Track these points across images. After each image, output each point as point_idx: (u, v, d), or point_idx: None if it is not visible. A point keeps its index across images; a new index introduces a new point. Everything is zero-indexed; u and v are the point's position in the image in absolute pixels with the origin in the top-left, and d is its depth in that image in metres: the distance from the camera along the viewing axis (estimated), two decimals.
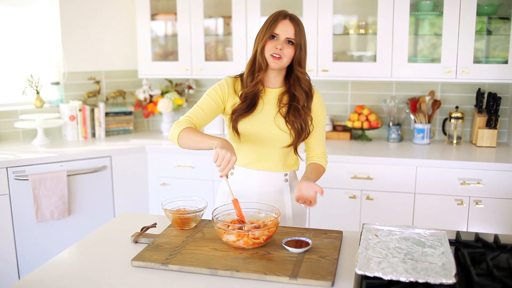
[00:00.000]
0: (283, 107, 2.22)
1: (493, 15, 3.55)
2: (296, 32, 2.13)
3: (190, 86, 4.35)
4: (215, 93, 2.23)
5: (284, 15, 2.14)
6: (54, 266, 1.81)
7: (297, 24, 2.14)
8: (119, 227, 2.20)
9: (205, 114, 2.22)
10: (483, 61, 3.62)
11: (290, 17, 2.14)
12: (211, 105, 2.22)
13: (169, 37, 4.27)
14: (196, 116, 2.20)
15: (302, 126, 2.20)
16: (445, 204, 3.34)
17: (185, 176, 3.80)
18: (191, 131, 2.08)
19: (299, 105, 2.20)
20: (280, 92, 2.25)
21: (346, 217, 3.51)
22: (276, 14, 2.15)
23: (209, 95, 2.24)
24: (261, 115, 2.22)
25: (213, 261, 1.77)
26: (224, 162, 1.89)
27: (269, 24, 2.13)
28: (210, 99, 2.23)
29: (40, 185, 3.41)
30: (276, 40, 2.13)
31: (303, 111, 2.20)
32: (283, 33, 2.12)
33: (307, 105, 2.23)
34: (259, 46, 2.15)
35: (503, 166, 3.23)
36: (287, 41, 2.13)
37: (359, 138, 3.99)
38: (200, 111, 2.21)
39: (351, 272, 1.71)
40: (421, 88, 3.95)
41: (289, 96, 2.23)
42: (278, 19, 2.12)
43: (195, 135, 2.06)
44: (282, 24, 2.12)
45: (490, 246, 1.84)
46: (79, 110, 4.04)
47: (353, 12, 3.92)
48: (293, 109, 2.20)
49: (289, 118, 2.20)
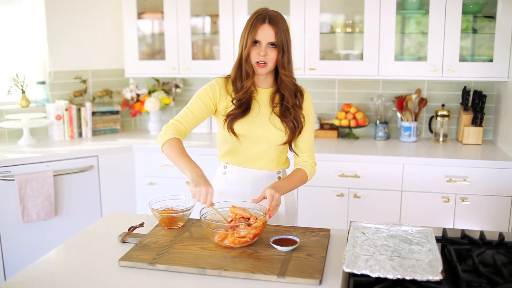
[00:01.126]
0: (276, 106, 2.23)
1: (478, 14, 3.58)
2: (277, 34, 2.11)
3: (177, 85, 4.34)
4: (206, 95, 2.23)
5: (262, 19, 2.11)
6: (40, 267, 1.80)
7: (277, 25, 2.11)
8: (106, 227, 2.19)
9: (195, 117, 2.22)
10: (468, 59, 3.64)
11: (269, 19, 2.11)
12: (201, 108, 2.22)
13: (156, 36, 4.26)
14: (185, 120, 2.21)
15: (295, 124, 2.22)
16: (431, 202, 3.36)
17: (172, 176, 3.79)
18: (173, 146, 2.11)
19: (289, 104, 2.21)
20: (271, 91, 2.26)
21: (333, 215, 3.52)
22: (255, 18, 2.12)
23: (199, 97, 2.23)
24: (256, 115, 2.22)
25: (201, 260, 1.77)
26: (202, 198, 1.92)
27: (249, 30, 2.12)
28: (201, 101, 2.22)
29: (26, 186, 3.39)
30: (259, 46, 2.13)
31: (293, 110, 2.21)
32: (264, 38, 2.11)
33: (299, 104, 2.24)
34: (243, 53, 2.15)
35: (489, 164, 3.26)
36: (270, 45, 2.13)
37: (346, 137, 4.01)
38: (190, 114, 2.21)
39: (339, 270, 1.72)
40: (407, 86, 3.98)
41: (280, 96, 2.24)
42: (257, 25, 2.11)
43: (174, 153, 2.10)
44: (262, 29, 2.10)
45: (476, 242, 1.85)
46: (65, 110, 4.01)
47: (340, 10, 3.93)
48: (284, 109, 2.21)
49: (282, 117, 2.21)
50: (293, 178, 2.24)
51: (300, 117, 2.24)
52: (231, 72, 2.26)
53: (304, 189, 3.51)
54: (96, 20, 4.22)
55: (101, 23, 4.25)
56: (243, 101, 2.20)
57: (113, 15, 4.26)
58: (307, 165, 2.30)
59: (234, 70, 2.23)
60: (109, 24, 4.28)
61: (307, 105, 2.29)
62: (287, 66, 2.18)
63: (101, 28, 4.26)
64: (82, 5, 4.14)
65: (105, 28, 4.27)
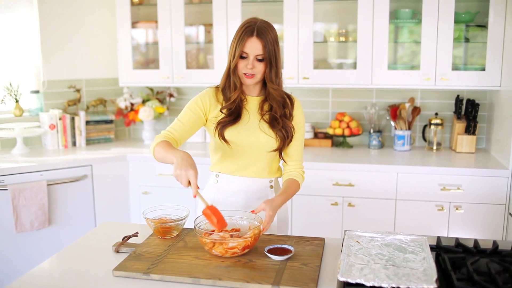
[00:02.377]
0: (265, 114, 2.24)
1: (471, 23, 3.60)
2: (265, 47, 2.11)
3: (171, 94, 4.34)
4: (196, 105, 2.23)
5: (251, 31, 2.11)
6: (34, 277, 1.79)
7: (265, 38, 2.10)
8: (100, 236, 2.18)
9: (186, 127, 2.21)
10: (461, 68, 3.67)
11: (258, 32, 2.10)
12: (191, 118, 2.22)
13: (150, 45, 4.26)
14: (176, 130, 2.20)
15: (283, 134, 2.22)
16: (425, 210, 3.37)
17: (167, 185, 3.78)
18: (162, 146, 2.07)
19: (277, 114, 2.22)
20: (260, 100, 2.27)
21: (328, 224, 3.52)
22: (243, 30, 2.12)
23: (189, 107, 2.24)
24: (246, 123, 2.23)
25: (196, 270, 1.76)
26: (184, 181, 1.89)
27: (237, 42, 2.12)
28: (191, 111, 2.23)
29: (20, 195, 3.37)
30: (246, 59, 2.13)
31: (281, 120, 2.22)
32: (251, 51, 2.11)
33: (288, 113, 2.25)
34: (231, 64, 2.16)
35: (482, 172, 3.28)
36: (257, 59, 2.13)
37: (340, 145, 4.02)
38: (181, 124, 2.21)
39: (334, 279, 1.72)
40: (401, 95, 3.99)
41: (268, 105, 2.25)
42: (245, 38, 2.11)
43: (163, 150, 2.05)
44: (250, 42, 2.10)
45: (470, 251, 1.86)
46: (59, 119, 4.00)
47: (333, 20, 3.95)
48: (272, 118, 2.22)
49: (272, 126, 2.22)
50: (290, 191, 2.24)
51: (289, 127, 2.24)
52: (220, 81, 2.27)
53: (299, 198, 3.51)
54: (90, 29, 4.22)
55: (95, 32, 4.25)
56: (232, 109, 2.21)
57: (107, 24, 4.27)
58: (297, 175, 2.30)
59: (223, 79, 2.24)
60: (103, 33, 4.28)
61: (297, 113, 2.30)
62: (275, 79, 2.18)
63: (95, 37, 4.26)
64: (76, 14, 4.14)
65: (99, 37, 4.27)
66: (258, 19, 2.17)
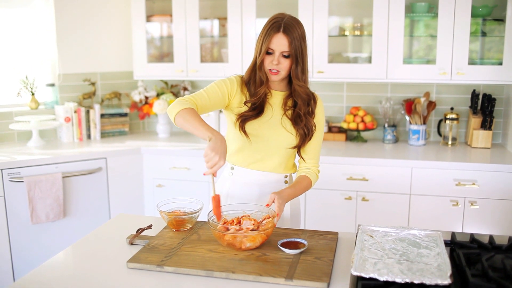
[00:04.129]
0: (288, 110, 2.23)
1: (488, 17, 3.56)
2: (291, 44, 2.08)
3: (185, 88, 4.35)
4: (224, 85, 2.20)
5: (277, 27, 2.08)
6: (49, 268, 1.80)
7: (291, 34, 2.08)
8: (114, 228, 2.20)
9: (210, 101, 2.16)
10: (477, 62, 3.63)
11: (284, 28, 2.08)
12: (217, 95, 2.18)
13: (165, 38, 4.27)
14: (200, 100, 2.14)
15: (305, 131, 2.21)
16: (440, 205, 3.35)
17: (180, 178, 3.79)
18: (191, 113, 2.03)
19: (301, 112, 2.20)
20: (285, 95, 2.25)
21: (341, 218, 3.51)
22: (270, 26, 2.10)
23: (217, 84, 2.20)
24: (268, 117, 2.22)
25: (209, 263, 1.77)
26: (210, 164, 1.88)
27: (264, 38, 2.10)
28: (218, 88, 2.19)
29: (35, 187, 3.40)
30: (272, 55, 2.11)
31: (304, 118, 2.20)
32: (277, 47, 2.09)
33: (311, 110, 2.24)
34: (257, 60, 2.15)
35: (498, 167, 3.24)
36: (283, 55, 2.11)
37: (355, 140, 4.00)
38: (206, 96, 2.16)
39: (347, 273, 1.72)
40: (416, 90, 3.96)
41: (292, 101, 2.24)
42: (271, 34, 2.08)
43: (193, 118, 2.01)
44: (276, 38, 2.08)
45: (485, 246, 1.84)
46: (74, 112, 4.03)
47: (348, 13, 3.93)
48: (296, 115, 2.21)
49: (294, 123, 2.21)
50: (300, 187, 2.23)
51: (311, 125, 2.23)
52: (245, 74, 2.25)
53: (312, 192, 3.50)
54: (105, 23, 4.24)
55: (110, 26, 4.27)
56: (256, 104, 2.20)
57: (122, 18, 4.28)
58: (312, 173, 2.30)
59: (248, 72, 2.22)
60: (118, 27, 4.30)
61: (318, 112, 2.28)
62: (301, 76, 2.16)
63: (110, 30, 4.28)
64: (91, 8, 4.16)
65: (114, 31, 4.29)
66: (285, 14, 2.14)
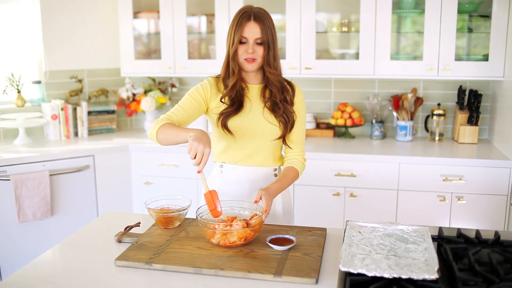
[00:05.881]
0: (267, 101, 2.24)
1: (474, 13, 3.58)
2: (263, 31, 2.13)
3: (173, 85, 4.34)
4: (197, 93, 2.23)
5: (248, 16, 2.13)
6: (36, 267, 1.79)
7: (262, 22, 2.13)
8: (102, 226, 2.19)
9: (186, 113, 2.20)
10: (464, 58, 3.65)
11: (254, 16, 2.13)
12: (192, 104, 2.22)
13: (152, 35, 4.25)
14: (176, 115, 2.19)
15: (285, 118, 2.23)
16: (427, 201, 3.37)
17: (169, 175, 3.78)
18: (169, 126, 2.07)
19: (277, 99, 2.22)
20: (261, 87, 2.28)
21: (330, 214, 3.52)
22: (240, 16, 2.14)
23: (190, 95, 2.24)
24: (249, 112, 2.23)
25: (198, 260, 1.77)
26: (198, 155, 1.88)
27: (235, 28, 2.14)
28: (192, 98, 2.22)
29: (22, 185, 3.38)
30: (246, 44, 2.15)
31: (281, 105, 2.22)
32: (250, 35, 2.13)
33: (289, 99, 2.25)
34: (230, 51, 2.17)
35: (484, 163, 3.27)
36: (256, 43, 2.15)
37: (343, 136, 4.01)
38: (181, 110, 2.20)
39: (335, 269, 1.72)
40: (403, 86, 3.98)
41: (269, 91, 2.26)
42: (243, 22, 2.12)
43: (172, 129, 2.05)
44: (248, 26, 2.12)
45: (472, 241, 1.86)
46: (61, 109, 4.00)
47: (335, 10, 3.93)
48: (273, 104, 2.23)
49: (274, 112, 2.22)
50: (286, 179, 2.24)
51: (290, 112, 2.24)
52: (221, 71, 2.27)
53: (300, 188, 3.51)
54: (92, 20, 4.21)
55: (97, 23, 4.24)
56: (234, 98, 2.21)
57: (109, 14, 4.25)
58: (298, 163, 2.31)
59: (224, 68, 2.25)
60: (105, 24, 4.27)
61: (298, 100, 2.30)
62: (273, 62, 2.20)
63: (97, 27, 4.25)
64: (78, 5, 4.12)
65: (101, 28, 4.26)
66: (252, 6, 2.20)
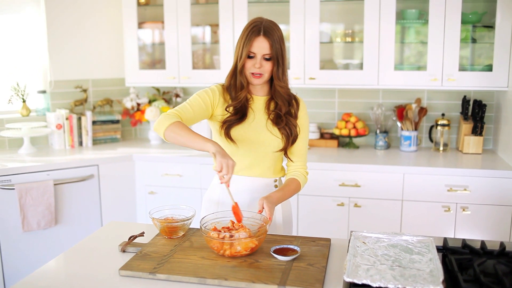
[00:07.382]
0: (271, 114, 2.25)
1: (478, 24, 3.59)
2: (272, 46, 2.13)
3: (177, 94, 4.35)
4: (206, 96, 2.23)
5: (258, 31, 2.12)
6: (40, 276, 1.79)
7: (271, 37, 2.13)
8: (106, 236, 2.19)
9: (194, 113, 2.19)
10: (468, 68, 3.65)
11: (264, 31, 2.12)
12: (200, 106, 2.21)
13: (157, 45, 4.27)
14: (185, 113, 2.17)
15: (287, 131, 2.23)
16: (432, 211, 3.36)
17: (173, 185, 3.78)
18: (182, 127, 2.06)
19: (281, 112, 2.23)
20: (266, 99, 2.28)
21: (334, 224, 3.51)
22: (250, 30, 2.13)
23: (200, 96, 2.23)
24: (252, 122, 2.24)
25: (201, 270, 1.76)
26: (225, 169, 1.92)
27: (244, 42, 2.13)
28: (201, 100, 2.21)
29: (27, 195, 3.38)
30: (254, 58, 2.15)
31: (284, 117, 2.23)
32: (259, 50, 2.13)
33: (293, 112, 2.27)
34: (238, 64, 2.17)
35: (489, 173, 3.26)
36: (264, 58, 2.15)
37: (347, 146, 4.01)
38: (189, 108, 2.18)
39: (340, 280, 1.72)
40: (407, 96, 3.98)
41: (274, 103, 2.26)
42: (252, 37, 2.12)
43: (186, 132, 2.04)
44: (257, 42, 2.12)
45: (477, 252, 1.85)
46: (65, 119, 4.02)
47: (339, 20, 3.95)
48: (276, 116, 2.24)
49: (277, 124, 2.23)
50: (288, 189, 2.25)
51: (293, 125, 2.25)
52: (225, 80, 2.27)
53: (305, 198, 3.50)
54: (96, 30, 4.24)
55: (101, 33, 4.26)
56: (238, 108, 2.22)
57: (113, 25, 4.28)
58: (300, 175, 2.31)
59: (229, 78, 2.25)
60: (110, 34, 4.29)
61: (302, 114, 2.31)
62: (282, 77, 2.20)
63: (102, 37, 4.27)
64: (82, 15, 4.15)
65: (106, 38, 4.29)
66: (263, 18, 2.18)
